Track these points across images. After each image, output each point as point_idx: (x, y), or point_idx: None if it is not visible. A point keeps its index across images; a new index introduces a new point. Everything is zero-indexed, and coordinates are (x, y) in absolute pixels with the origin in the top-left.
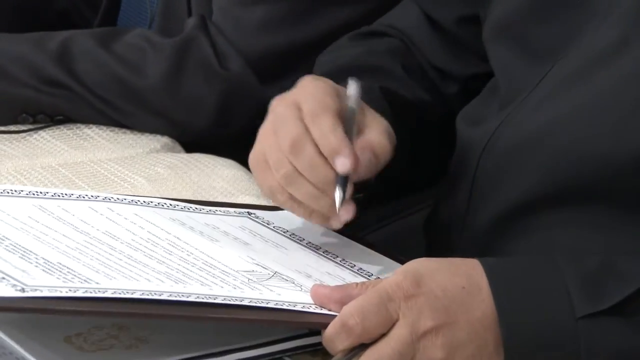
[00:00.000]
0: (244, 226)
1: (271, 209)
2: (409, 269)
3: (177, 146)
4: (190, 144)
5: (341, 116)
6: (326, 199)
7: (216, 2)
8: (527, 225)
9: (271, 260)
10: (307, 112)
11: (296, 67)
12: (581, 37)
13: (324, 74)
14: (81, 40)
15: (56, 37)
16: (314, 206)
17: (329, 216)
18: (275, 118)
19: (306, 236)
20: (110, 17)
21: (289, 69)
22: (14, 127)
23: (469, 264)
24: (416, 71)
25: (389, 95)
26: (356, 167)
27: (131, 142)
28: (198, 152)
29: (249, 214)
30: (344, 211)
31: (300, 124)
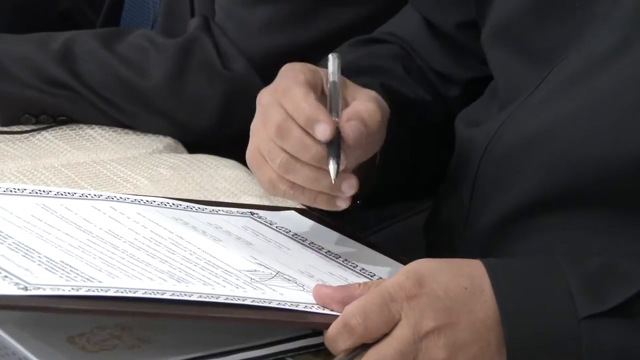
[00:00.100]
0: (246, 226)
1: (274, 209)
2: (411, 269)
3: (180, 147)
4: (193, 144)
5: (323, 92)
6: (327, 178)
7: (219, 3)
8: (529, 225)
9: (274, 260)
10: (279, 91)
11: None
12: (582, 39)
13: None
14: (84, 40)
15: (59, 38)
16: (316, 188)
17: (334, 197)
18: (261, 110)
19: (309, 236)
20: (112, 18)
21: None
22: (16, 128)
23: (472, 264)
24: (417, 73)
25: (390, 92)
26: (346, 137)
27: (134, 142)
28: (201, 152)
29: (251, 214)
30: (346, 185)
31: (281, 108)
